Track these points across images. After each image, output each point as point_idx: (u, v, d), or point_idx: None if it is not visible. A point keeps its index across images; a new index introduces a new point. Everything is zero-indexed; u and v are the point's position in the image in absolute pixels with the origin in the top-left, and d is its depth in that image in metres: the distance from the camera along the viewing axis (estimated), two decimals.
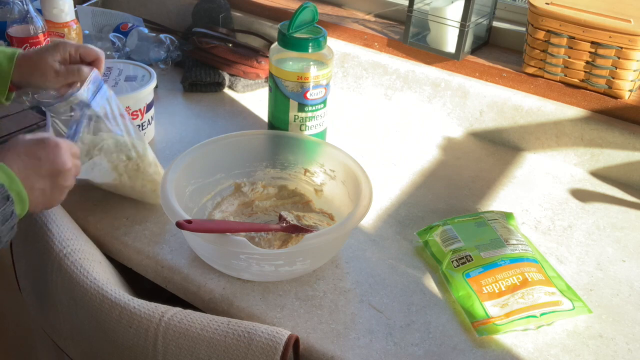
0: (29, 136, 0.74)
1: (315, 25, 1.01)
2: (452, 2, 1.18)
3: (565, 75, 1.11)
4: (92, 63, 0.88)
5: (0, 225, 0.66)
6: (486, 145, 1.18)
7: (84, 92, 0.83)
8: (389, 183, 1.04)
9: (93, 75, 0.85)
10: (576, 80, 1.10)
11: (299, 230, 0.85)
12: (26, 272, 0.87)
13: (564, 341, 0.76)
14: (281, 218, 0.87)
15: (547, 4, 1.07)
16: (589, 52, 1.05)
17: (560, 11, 1.05)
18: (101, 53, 0.89)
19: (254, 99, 1.29)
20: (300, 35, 0.98)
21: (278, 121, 1.04)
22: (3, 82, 0.86)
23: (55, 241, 0.80)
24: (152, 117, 1.09)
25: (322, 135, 1.07)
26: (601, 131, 1.08)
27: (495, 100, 1.16)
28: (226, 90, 1.32)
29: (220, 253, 0.80)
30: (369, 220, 0.95)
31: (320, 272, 0.84)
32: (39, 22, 1.06)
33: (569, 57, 1.08)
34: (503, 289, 0.79)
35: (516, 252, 0.84)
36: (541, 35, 1.09)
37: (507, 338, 0.75)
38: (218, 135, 0.95)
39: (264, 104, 1.13)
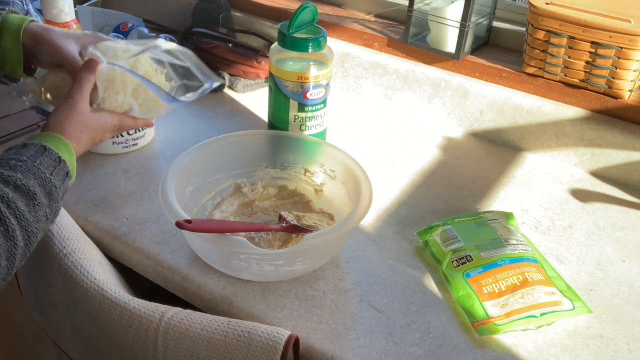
0: (104, 120, 0.75)
1: (315, 25, 1.01)
2: (452, 2, 1.18)
3: (565, 75, 1.11)
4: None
5: (59, 201, 0.66)
6: (486, 145, 1.18)
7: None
8: (389, 183, 1.04)
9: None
10: (576, 80, 1.10)
11: (299, 230, 0.85)
12: (26, 272, 0.87)
13: (564, 341, 0.76)
14: (281, 218, 0.87)
15: (547, 4, 1.07)
16: (589, 52, 1.05)
17: (560, 11, 1.05)
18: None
19: (254, 99, 1.29)
20: (300, 35, 0.98)
21: (278, 121, 1.04)
22: (15, 46, 0.76)
23: (55, 241, 0.80)
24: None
25: (322, 135, 1.07)
26: (601, 131, 1.08)
27: (495, 100, 1.16)
28: (226, 90, 1.32)
29: (220, 253, 0.81)
30: (369, 220, 0.95)
31: (320, 272, 0.84)
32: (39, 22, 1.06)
33: (569, 57, 1.08)
34: (503, 289, 0.79)
35: (516, 252, 0.84)
36: (541, 35, 1.09)
37: (507, 338, 0.75)
38: (218, 135, 0.95)
39: (264, 104, 1.13)
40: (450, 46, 1.20)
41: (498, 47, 1.26)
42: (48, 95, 0.75)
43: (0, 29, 0.74)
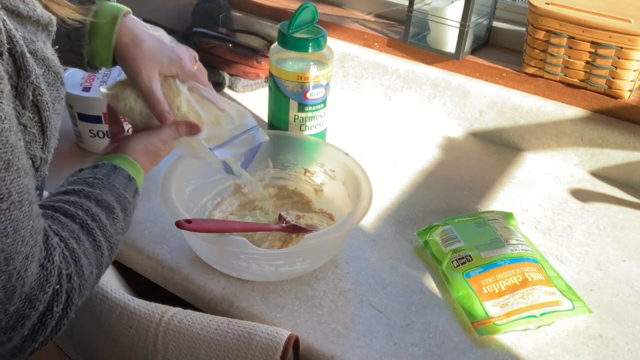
0: (156, 137, 0.74)
1: (315, 25, 1.01)
2: (452, 2, 1.18)
3: (565, 75, 1.11)
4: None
5: (131, 216, 0.69)
6: (486, 145, 1.18)
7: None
8: (389, 183, 1.04)
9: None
10: (576, 80, 1.10)
11: (299, 230, 0.85)
12: None
13: (564, 341, 0.76)
14: (281, 218, 0.87)
15: (547, 4, 1.07)
16: (589, 52, 1.05)
17: (560, 11, 1.05)
18: (206, 81, 0.82)
19: (254, 99, 1.29)
20: (300, 35, 0.98)
21: (278, 121, 1.04)
22: (105, 47, 0.74)
23: None
24: None
25: (322, 135, 1.07)
26: (601, 131, 1.08)
27: (495, 100, 1.16)
28: (226, 90, 1.32)
29: (220, 253, 0.80)
30: (369, 220, 0.95)
31: (320, 272, 0.84)
32: None
33: (569, 57, 1.08)
34: (503, 289, 0.79)
35: (516, 252, 0.84)
36: (541, 35, 1.09)
37: (507, 338, 0.75)
38: None
39: (264, 104, 1.13)
40: (450, 46, 1.20)
41: (498, 47, 1.26)
42: (120, 108, 0.76)
43: (92, 29, 0.73)
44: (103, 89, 0.77)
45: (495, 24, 1.26)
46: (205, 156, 0.79)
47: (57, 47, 0.60)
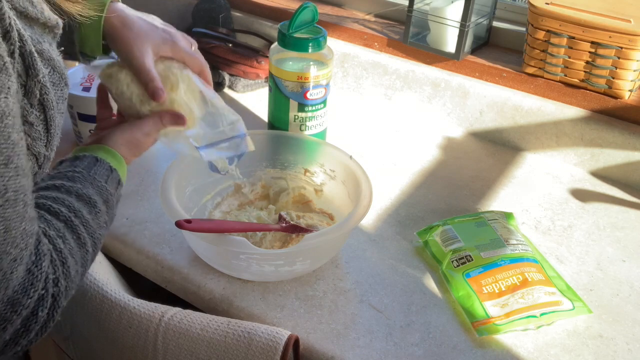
0: (138, 129, 0.73)
1: (315, 25, 1.01)
2: (452, 2, 1.18)
3: (565, 75, 1.11)
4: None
5: (114, 208, 0.68)
6: (486, 145, 1.18)
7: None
8: (389, 183, 1.04)
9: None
10: (576, 80, 1.10)
11: (299, 230, 0.85)
12: None
13: (564, 341, 0.76)
14: (281, 218, 0.87)
15: (547, 4, 1.07)
16: (589, 52, 1.05)
17: (560, 11, 1.05)
18: (205, 64, 0.79)
19: (254, 99, 1.29)
20: (300, 35, 0.98)
21: (278, 121, 1.04)
22: (95, 32, 0.73)
23: None
24: None
25: (322, 135, 1.07)
26: (601, 131, 1.08)
27: (495, 100, 1.16)
28: (226, 90, 1.32)
29: (220, 253, 0.80)
30: (369, 220, 0.95)
31: (320, 272, 0.84)
32: None
33: (569, 57, 1.08)
34: (503, 289, 0.79)
35: (516, 252, 0.84)
36: (541, 35, 1.09)
37: (507, 338, 0.75)
38: None
39: (264, 104, 1.13)
40: (450, 46, 1.20)
41: (498, 47, 1.26)
42: (112, 89, 0.75)
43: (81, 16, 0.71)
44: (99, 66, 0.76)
45: (495, 24, 1.26)
46: (187, 152, 0.78)
47: (62, 48, 0.60)
